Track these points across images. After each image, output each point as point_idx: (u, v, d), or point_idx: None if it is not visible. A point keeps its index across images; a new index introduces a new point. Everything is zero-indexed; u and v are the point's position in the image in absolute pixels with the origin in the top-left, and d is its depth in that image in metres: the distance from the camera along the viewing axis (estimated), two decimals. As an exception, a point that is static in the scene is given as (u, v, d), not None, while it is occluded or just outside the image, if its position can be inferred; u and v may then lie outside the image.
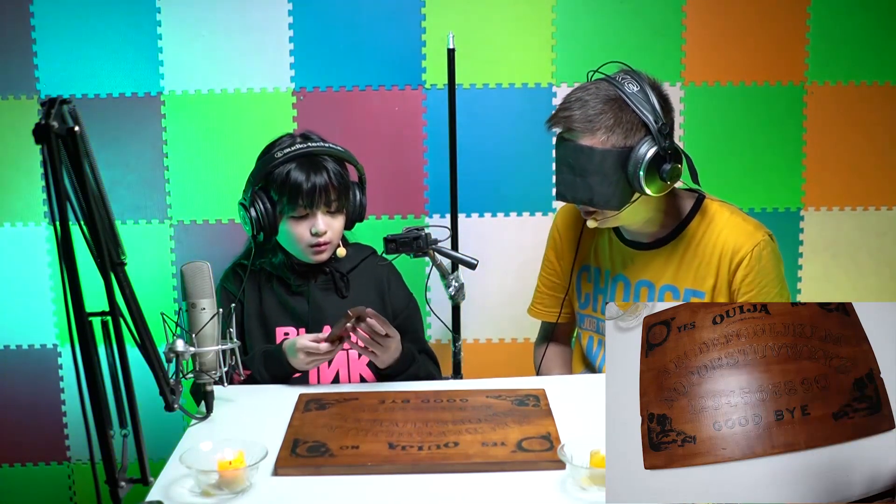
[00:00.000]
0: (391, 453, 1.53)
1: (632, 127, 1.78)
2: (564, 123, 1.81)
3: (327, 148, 2.01)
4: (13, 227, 2.60)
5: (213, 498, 1.41)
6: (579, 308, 2.07)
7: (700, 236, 1.91)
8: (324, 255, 2.02)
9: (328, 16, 2.54)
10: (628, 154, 1.78)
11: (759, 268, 1.87)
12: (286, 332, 2.03)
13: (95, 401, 1.12)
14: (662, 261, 1.93)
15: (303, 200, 1.95)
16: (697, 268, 1.90)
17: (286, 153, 1.96)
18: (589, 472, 1.39)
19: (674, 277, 1.92)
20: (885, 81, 2.61)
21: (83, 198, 1.13)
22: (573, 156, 1.80)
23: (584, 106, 1.79)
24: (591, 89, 1.81)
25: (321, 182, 1.95)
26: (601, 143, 1.78)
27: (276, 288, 2.05)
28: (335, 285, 2.06)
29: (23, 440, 2.70)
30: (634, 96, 1.78)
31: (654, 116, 1.78)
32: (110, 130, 2.54)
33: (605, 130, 1.78)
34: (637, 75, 1.84)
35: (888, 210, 2.69)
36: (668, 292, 1.93)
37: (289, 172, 1.95)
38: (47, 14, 2.50)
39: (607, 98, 1.79)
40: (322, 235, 1.97)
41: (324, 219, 1.98)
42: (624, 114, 1.78)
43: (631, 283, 1.96)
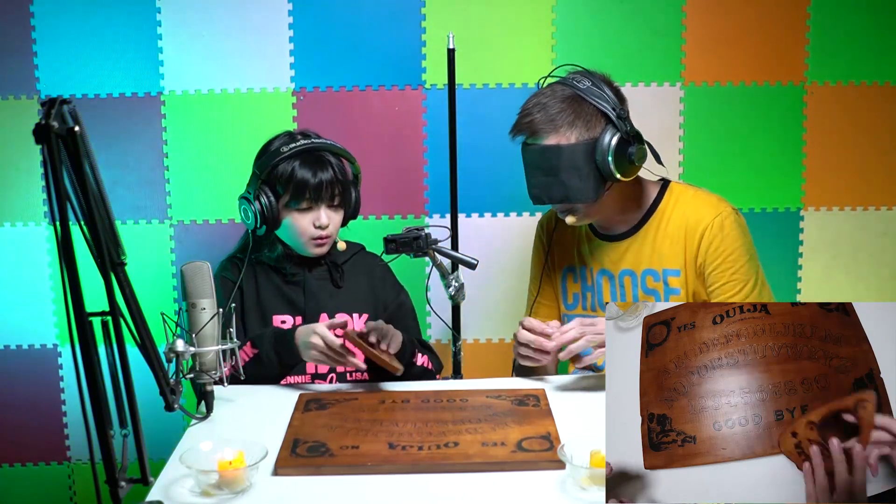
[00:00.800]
0: (391, 453, 1.53)
1: (592, 118, 1.85)
2: (528, 128, 1.87)
3: (329, 145, 2.05)
4: (13, 227, 2.60)
5: (213, 498, 1.41)
6: (566, 309, 2.09)
7: (668, 216, 1.97)
8: (324, 249, 2.06)
9: (328, 16, 2.54)
10: (594, 145, 1.84)
11: (721, 236, 1.91)
12: (283, 320, 2.06)
13: (95, 401, 1.12)
14: (637, 247, 1.98)
15: (309, 195, 1.99)
16: (670, 246, 1.95)
17: (292, 148, 2.00)
18: (589, 472, 1.39)
19: (650, 261, 1.97)
20: (885, 81, 2.62)
21: (83, 198, 1.13)
22: (542, 157, 1.86)
23: (543, 108, 1.85)
24: (547, 93, 1.88)
25: (327, 177, 2.00)
26: (566, 139, 1.84)
27: (273, 278, 2.09)
28: (331, 276, 2.10)
29: (23, 440, 2.70)
30: (589, 91, 1.85)
31: (611, 104, 1.85)
32: (110, 130, 2.54)
33: (567, 126, 1.84)
34: (587, 73, 1.91)
35: (888, 210, 2.69)
36: (650, 276, 1.97)
37: (294, 168, 1.99)
38: (47, 14, 2.50)
39: (564, 97, 1.85)
40: (325, 228, 2.01)
41: (326, 212, 2.02)
42: (582, 108, 1.85)
43: (614, 275, 2.00)
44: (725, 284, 1.91)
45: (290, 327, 1.99)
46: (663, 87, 2.59)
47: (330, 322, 1.90)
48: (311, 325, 1.89)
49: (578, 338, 1.81)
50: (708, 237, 1.91)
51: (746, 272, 1.92)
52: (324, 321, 1.99)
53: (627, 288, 1.99)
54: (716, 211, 1.93)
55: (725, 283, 1.91)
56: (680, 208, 1.96)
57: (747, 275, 1.91)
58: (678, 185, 2.01)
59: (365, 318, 2.10)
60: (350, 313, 2.09)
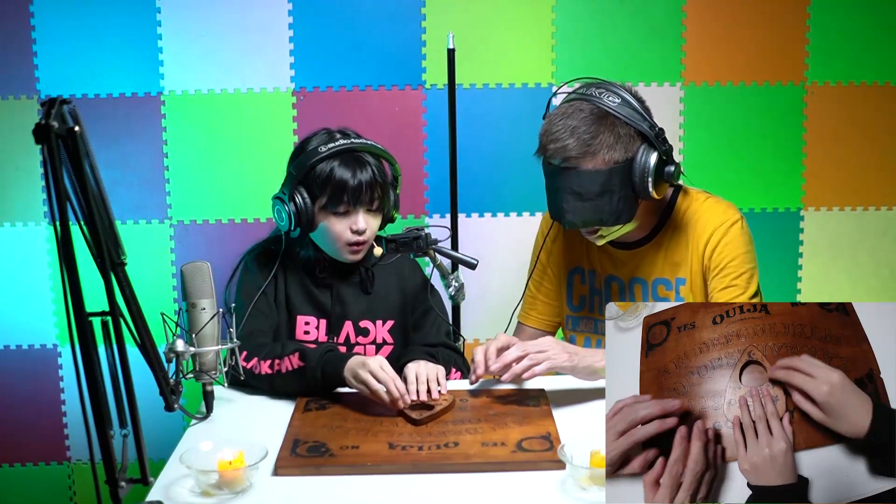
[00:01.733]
0: (391, 453, 1.53)
1: (630, 140, 1.78)
2: (562, 154, 1.78)
3: (369, 145, 1.95)
4: (13, 227, 2.60)
5: (213, 498, 1.41)
6: (571, 311, 2.06)
7: (680, 226, 1.94)
8: (359, 255, 1.97)
9: (328, 16, 2.54)
10: (630, 166, 1.78)
11: (726, 240, 1.89)
12: (307, 322, 2.00)
13: (95, 401, 1.12)
14: (650, 256, 1.95)
15: (347, 198, 1.90)
16: (682, 255, 1.93)
17: (330, 148, 1.89)
18: (589, 472, 1.39)
19: (662, 270, 1.95)
20: (885, 81, 2.62)
21: (83, 198, 1.13)
22: (577, 182, 1.78)
23: (574, 132, 1.76)
24: (574, 113, 1.78)
25: (367, 179, 1.90)
26: (604, 163, 1.77)
27: (302, 277, 2.01)
28: (361, 281, 2.03)
29: (23, 440, 2.70)
30: (620, 109, 1.78)
31: (648, 124, 1.79)
32: (110, 130, 2.54)
33: (606, 150, 1.77)
34: (608, 85, 1.82)
35: (888, 210, 2.69)
36: (661, 285, 1.95)
37: (333, 169, 1.89)
38: (47, 14, 2.50)
39: (595, 117, 1.77)
40: (362, 234, 1.92)
41: (364, 217, 1.93)
42: (616, 128, 1.77)
43: (624, 282, 1.97)
44: (725, 290, 1.89)
45: (344, 352, 1.88)
46: (663, 87, 2.59)
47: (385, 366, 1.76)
48: (367, 358, 1.76)
49: (522, 356, 1.74)
50: (713, 241, 1.89)
51: (746, 280, 1.89)
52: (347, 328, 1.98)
53: (637, 296, 1.96)
54: (724, 217, 1.90)
55: (725, 287, 1.89)
56: (692, 217, 1.93)
57: (746, 283, 1.89)
58: (691, 192, 1.97)
59: (390, 324, 2.03)
60: (374, 320, 2.02)
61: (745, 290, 1.89)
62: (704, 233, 1.91)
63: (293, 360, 1.82)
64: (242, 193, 2.59)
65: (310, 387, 1.81)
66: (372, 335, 2.02)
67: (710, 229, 1.90)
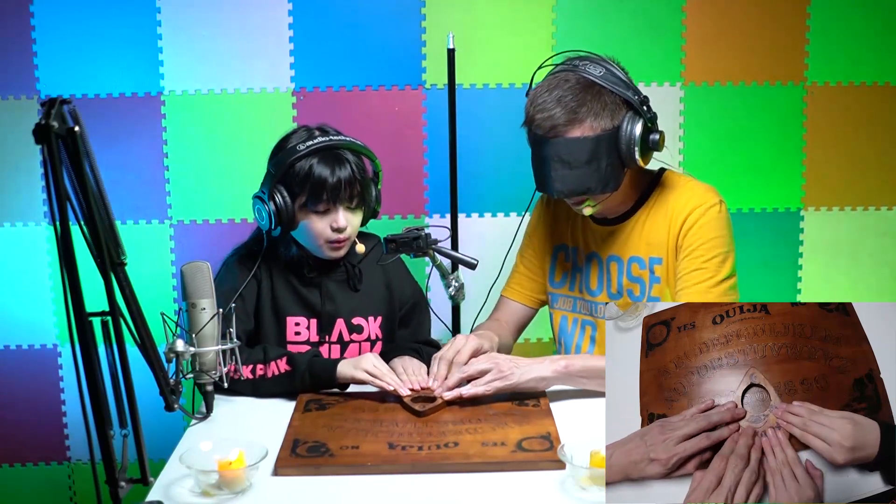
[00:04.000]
0: (391, 453, 1.53)
1: (616, 108, 1.81)
2: (549, 122, 1.80)
3: (348, 142, 1.95)
4: (13, 227, 2.60)
5: (213, 498, 1.41)
6: (553, 287, 2.07)
7: (657, 204, 1.94)
8: (341, 252, 1.98)
9: (328, 16, 2.54)
10: (616, 133, 1.81)
11: (702, 222, 1.88)
12: (297, 322, 2.00)
13: (95, 401, 1.12)
14: (626, 234, 1.96)
15: (327, 195, 1.90)
16: (658, 235, 1.93)
17: (309, 146, 1.89)
18: (589, 472, 1.39)
19: (637, 248, 1.94)
20: (885, 81, 2.62)
21: (83, 198, 1.13)
22: (564, 150, 1.80)
23: (561, 101, 1.79)
24: (560, 84, 1.81)
25: (346, 176, 1.90)
26: (591, 130, 1.80)
27: (289, 277, 2.01)
28: (348, 278, 2.04)
29: (23, 440, 2.70)
30: (605, 78, 1.81)
31: (633, 91, 1.82)
32: (110, 130, 2.54)
33: (593, 117, 1.79)
34: (590, 58, 1.85)
35: (888, 210, 2.69)
36: (635, 263, 1.94)
37: (311, 166, 1.89)
38: (47, 14, 2.50)
39: (580, 86, 1.80)
40: (343, 231, 1.93)
41: (344, 214, 1.93)
42: (603, 96, 1.80)
43: (602, 259, 1.98)
44: (694, 272, 1.86)
45: (337, 356, 1.93)
46: (663, 86, 2.59)
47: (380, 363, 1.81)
48: (356, 360, 1.81)
49: (488, 370, 1.77)
50: (689, 223, 1.88)
51: (717, 264, 1.86)
52: (339, 326, 1.99)
53: (613, 274, 1.96)
54: (702, 199, 1.90)
55: (694, 269, 1.86)
56: (670, 197, 1.93)
57: (718, 267, 1.86)
58: (672, 174, 1.98)
59: (380, 320, 2.05)
60: (366, 317, 2.04)
61: (714, 273, 1.85)
62: (682, 214, 1.90)
63: (280, 364, 1.83)
64: (242, 193, 2.57)
65: (297, 391, 1.83)
66: (366, 332, 2.02)
67: (687, 210, 1.89)
